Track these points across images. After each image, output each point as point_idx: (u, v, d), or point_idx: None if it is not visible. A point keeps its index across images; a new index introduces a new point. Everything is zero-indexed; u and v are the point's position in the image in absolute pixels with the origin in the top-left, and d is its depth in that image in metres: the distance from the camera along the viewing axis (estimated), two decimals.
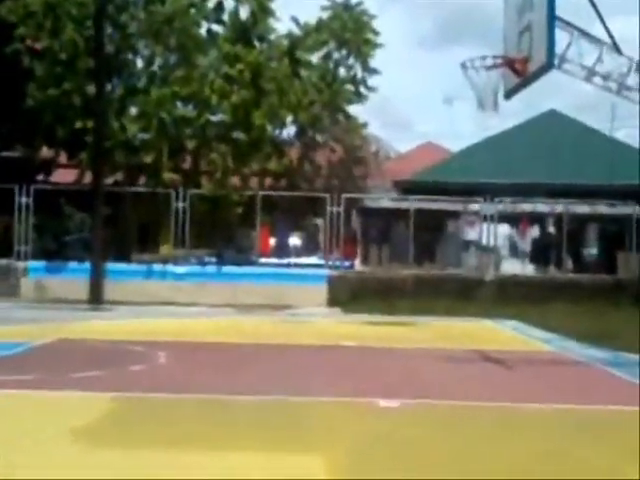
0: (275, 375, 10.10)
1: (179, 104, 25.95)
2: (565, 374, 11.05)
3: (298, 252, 25.76)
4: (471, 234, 25.68)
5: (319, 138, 29.19)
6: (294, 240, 26.55)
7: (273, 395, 8.52)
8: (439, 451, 6.35)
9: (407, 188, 28.68)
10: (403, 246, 24.26)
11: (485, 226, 24.49)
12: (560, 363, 11.93)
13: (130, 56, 26.33)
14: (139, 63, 26.58)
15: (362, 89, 28.52)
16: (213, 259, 24.22)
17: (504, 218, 24.98)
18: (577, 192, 25.89)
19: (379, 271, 24.33)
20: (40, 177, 27.97)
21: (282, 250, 25.29)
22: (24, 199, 23.31)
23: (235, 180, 26.44)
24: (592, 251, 27.30)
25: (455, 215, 26.59)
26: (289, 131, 28.77)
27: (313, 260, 25.04)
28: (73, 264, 22.54)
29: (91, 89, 23.42)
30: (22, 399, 8.22)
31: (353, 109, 28.93)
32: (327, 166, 30.04)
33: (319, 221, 26.32)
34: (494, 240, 24.42)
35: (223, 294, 21.67)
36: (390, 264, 25.02)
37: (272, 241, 25.67)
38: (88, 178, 24.92)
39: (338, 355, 12.44)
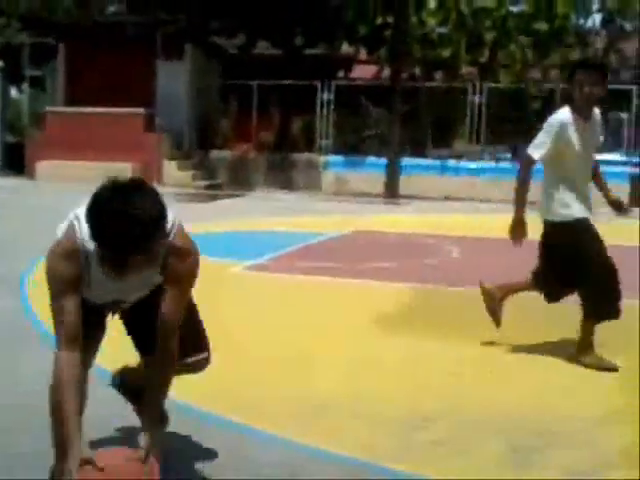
0: None
1: None
2: None
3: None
4: None
5: (628, 26, 27.22)
6: None
7: None
8: None
9: None
10: None
11: None
12: None
13: None
14: None
15: None
16: (508, 155, 23.73)
17: None
18: None
19: None
20: (340, 74, 28.70)
21: None
22: (326, 95, 24.12)
23: (534, 73, 25.54)
24: None
25: None
26: (594, 20, 27.17)
27: (615, 157, 23.71)
28: (371, 159, 23.11)
29: None
30: (320, 285, 8.71)
31: None
32: (635, 56, 28.03)
33: (623, 115, 24.78)
34: None
35: None
36: None
37: None
38: (386, 74, 25.22)
39: None
